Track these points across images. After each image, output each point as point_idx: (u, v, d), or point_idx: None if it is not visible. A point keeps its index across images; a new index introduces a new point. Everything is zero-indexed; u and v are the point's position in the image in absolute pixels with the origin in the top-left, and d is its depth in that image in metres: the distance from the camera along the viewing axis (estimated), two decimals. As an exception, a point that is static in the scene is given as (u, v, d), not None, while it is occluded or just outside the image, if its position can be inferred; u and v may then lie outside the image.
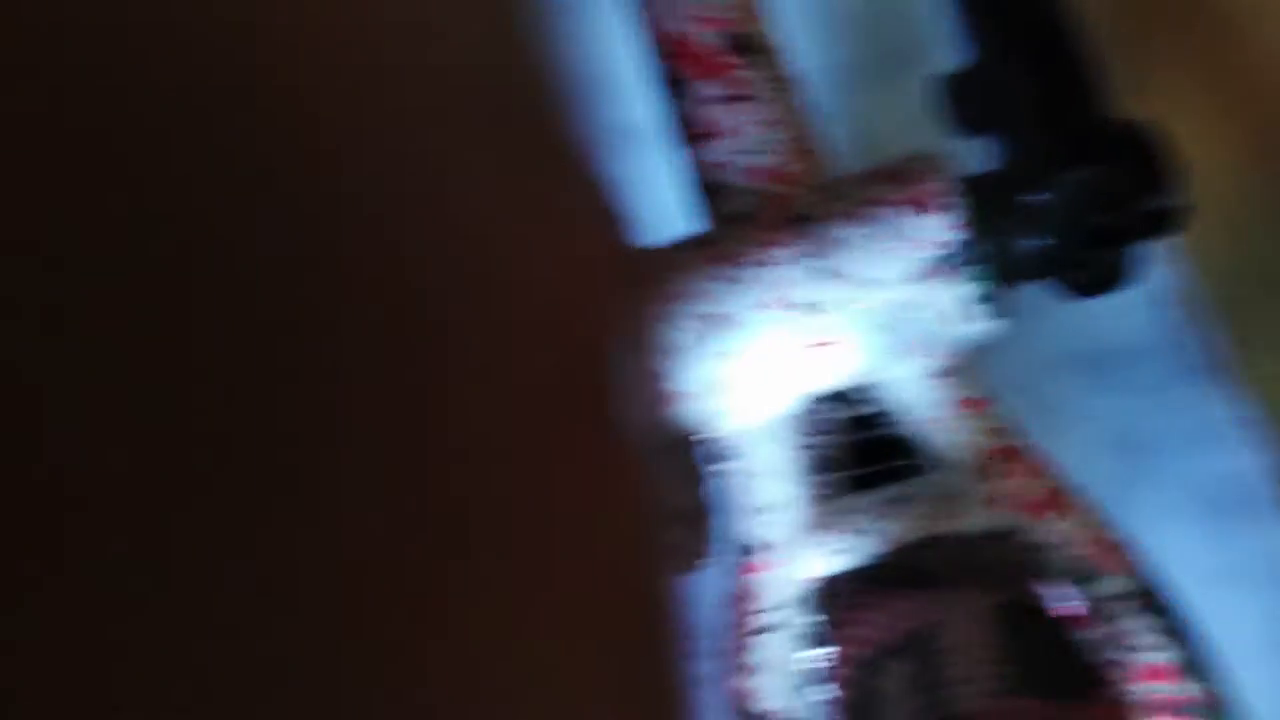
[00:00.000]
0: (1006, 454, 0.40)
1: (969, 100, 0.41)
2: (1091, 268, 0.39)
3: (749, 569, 0.41)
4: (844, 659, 0.39)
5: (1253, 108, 0.89)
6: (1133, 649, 0.39)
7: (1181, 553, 0.78)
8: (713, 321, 0.38)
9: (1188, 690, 0.39)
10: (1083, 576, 0.40)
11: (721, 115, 0.42)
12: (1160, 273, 0.82)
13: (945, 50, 0.93)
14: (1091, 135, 0.39)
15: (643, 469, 0.17)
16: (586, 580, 0.15)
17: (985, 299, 0.38)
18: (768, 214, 0.40)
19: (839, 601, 0.43)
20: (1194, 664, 0.39)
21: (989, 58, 0.41)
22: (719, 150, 0.42)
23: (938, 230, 0.37)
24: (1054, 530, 0.40)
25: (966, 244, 0.37)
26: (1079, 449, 0.80)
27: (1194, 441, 0.79)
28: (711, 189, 0.42)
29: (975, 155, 0.45)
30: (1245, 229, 0.88)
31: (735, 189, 0.41)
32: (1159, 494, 0.80)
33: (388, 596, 0.11)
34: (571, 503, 0.15)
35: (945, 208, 0.37)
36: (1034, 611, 0.38)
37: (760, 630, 0.41)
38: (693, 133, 0.42)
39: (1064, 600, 0.42)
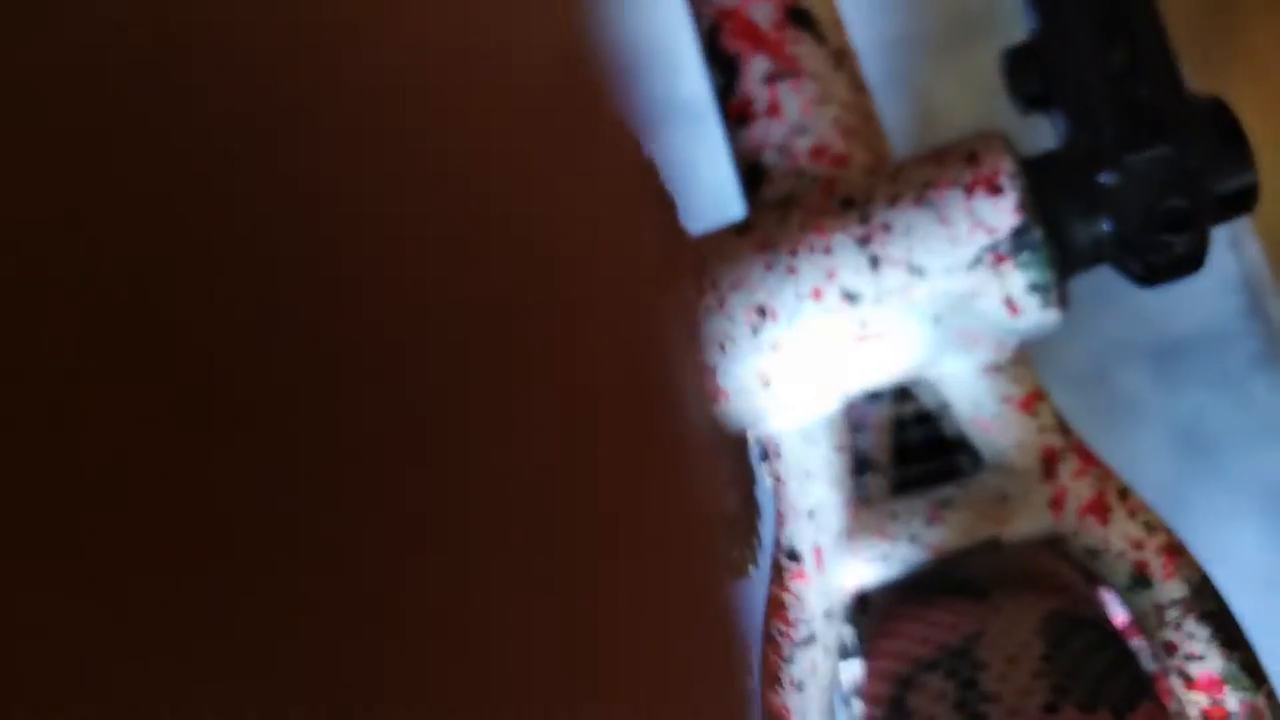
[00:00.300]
0: (1063, 454, 0.38)
1: (1035, 75, 0.39)
2: (1161, 252, 0.37)
3: (789, 577, 0.40)
4: (880, 674, 0.37)
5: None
6: (1189, 658, 0.37)
7: (1245, 554, 0.76)
8: (757, 313, 0.36)
9: (1243, 700, 0.37)
10: (1139, 583, 0.38)
11: (771, 92, 0.40)
12: (1226, 258, 0.79)
13: (1013, 20, 0.90)
14: (1163, 112, 0.36)
15: (707, 470, 0.17)
16: (653, 588, 0.14)
17: (1046, 288, 0.36)
18: (815, 198, 0.38)
19: (879, 612, 0.41)
20: (1250, 673, 0.37)
21: (1056, 29, 0.38)
22: (767, 130, 0.40)
23: (996, 214, 0.35)
24: (1110, 534, 0.38)
25: (1027, 228, 0.35)
26: (1142, 445, 0.78)
27: (1262, 437, 0.76)
28: (758, 171, 0.40)
29: (1041, 133, 0.42)
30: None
31: (783, 171, 0.39)
32: (1224, 492, 0.77)
33: (455, 602, 0.11)
34: (640, 507, 0.14)
35: (1005, 190, 0.35)
36: (1085, 620, 0.36)
37: (799, 643, 0.40)
38: (741, 111, 0.41)
39: (1118, 608, 0.40)
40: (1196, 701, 0.37)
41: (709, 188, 1.01)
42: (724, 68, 0.41)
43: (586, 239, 0.14)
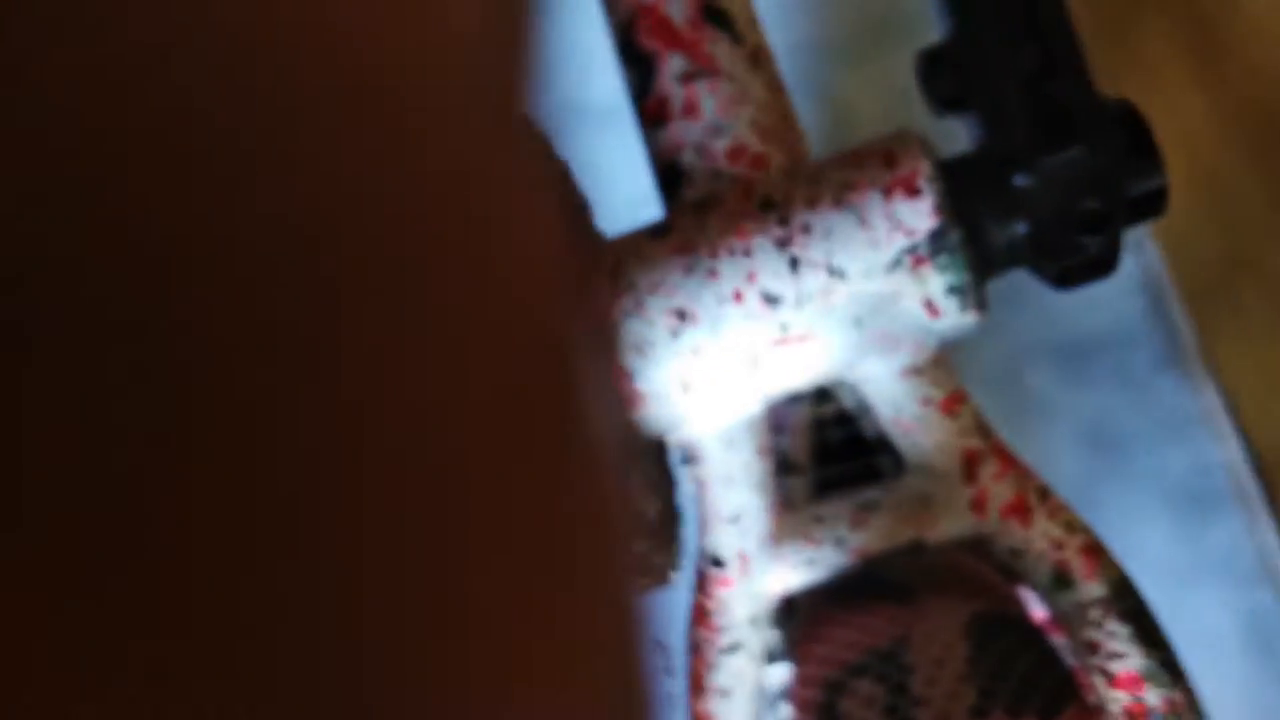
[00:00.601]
0: (984, 455, 0.38)
1: (948, 77, 0.39)
2: (1076, 254, 0.37)
3: (714, 583, 0.39)
4: (808, 679, 0.37)
5: (1229, 88, 0.88)
6: (1111, 656, 0.37)
7: (1154, 550, 0.77)
8: (676, 316, 0.35)
9: (1163, 696, 0.37)
10: (1061, 583, 0.38)
11: (687, 92, 0.39)
12: (1127, 262, 0.80)
13: (926, 23, 0.91)
14: (1076, 114, 0.36)
15: (613, 476, 0.16)
16: (554, 596, 0.14)
17: (964, 290, 0.35)
18: (734, 200, 0.37)
19: (804, 616, 0.41)
20: (1169, 670, 0.38)
21: (969, 31, 0.38)
22: (684, 130, 0.39)
23: (915, 216, 0.35)
24: (1032, 535, 0.38)
25: (945, 231, 0.35)
26: (1051, 444, 0.79)
27: (1166, 435, 0.78)
28: (674, 172, 0.39)
29: (956, 136, 0.42)
30: (1216, 214, 0.87)
31: (699, 172, 0.39)
32: (1131, 490, 0.78)
33: (342, 615, 0.11)
34: (536, 514, 0.14)
35: (923, 192, 0.35)
36: (1009, 621, 0.36)
37: (724, 650, 0.39)
38: (657, 111, 0.40)
39: (1036, 605, 0.40)
40: (1118, 699, 0.38)
41: (623, 190, 1.00)
42: (639, 66, 0.40)
43: (493, 238, 0.14)
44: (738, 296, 0.35)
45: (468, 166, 0.14)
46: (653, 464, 0.44)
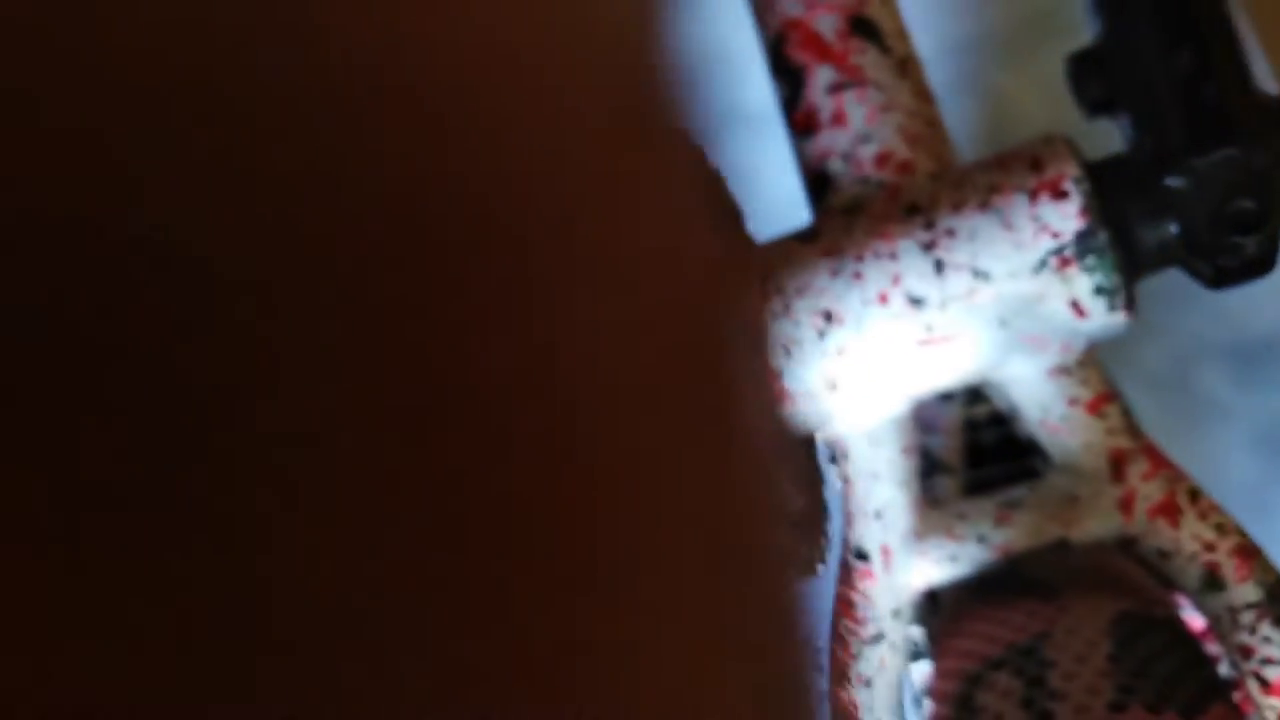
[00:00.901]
0: (1132, 455, 0.38)
1: (1100, 79, 0.39)
2: (1230, 255, 0.37)
3: (857, 576, 0.40)
4: (949, 672, 0.37)
5: None
6: (1265, 662, 0.37)
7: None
8: (823, 317, 0.37)
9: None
10: (1211, 585, 0.37)
11: (836, 102, 0.41)
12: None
13: (1083, 22, 0.89)
14: (1230, 114, 0.36)
15: (767, 471, 0.17)
16: (714, 589, 0.14)
17: (1112, 291, 0.35)
18: (880, 204, 0.38)
19: (947, 612, 0.42)
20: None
21: (1121, 32, 0.38)
22: (833, 139, 0.40)
23: (1061, 218, 0.35)
24: (1181, 536, 0.38)
25: (1092, 232, 0.35)
26: (1220, 447, 0.76)
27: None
28: (824, 179, 0.40)
29: (1110, 136, 0.42)
30: None
31: (848, 179, 0.40)
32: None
33: (508, 607, 0.11)
34: (698, 508, 0.14)
35: (1070, 194, 0.35)
36: (1156, 621, 0.36)
37: (867, 641, 0.40)
38: (806, 121, 0.41)
39: (1191, 610, 0.40)
40: (1274, 706, 0.37)
41: (775, 195, 1.01)
42: (789, 78, 0.42)
43: (643, 244, 0.14)
44: (883, 298, 0.36)
45: (619, 168, 0.14)
46: (801, 459, 0.45)
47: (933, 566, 0.40)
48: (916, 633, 0.47)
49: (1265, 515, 0.74)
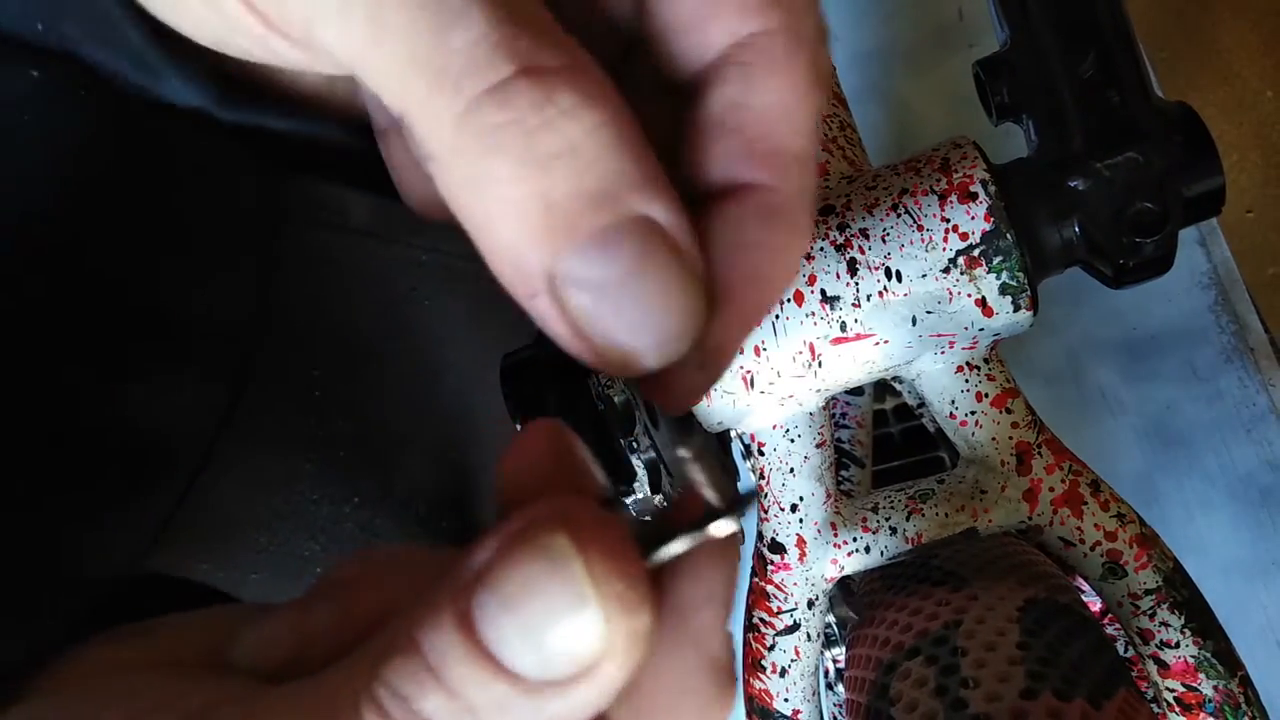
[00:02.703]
0: (1036, 448, 0.38)
1: (1006, 84, 0.39)
2: (1130, 255, 0.37)
3: (772, 568, 0.40)
4: (863, 661, 0.37)
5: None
6: (1163, 645, 0.37)
7: (1220, 544, 0.75)
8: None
9: (1217, 686, 0.37)
10: (1112, 572, 0.37)
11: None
12: (1196, 255, 0.78)
13: (983, 36, 0.89)
14: (1132, 118, 0.36)
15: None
16: None
17: (1018, 290, 0.35)
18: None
19: (860, 601, 0.41)
20: (1223, 661, 0.37)
21: (1026, 39, 0.38)
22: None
23: (969, 220, 0.35)
24: (1084, 525, 0.38)
25: (999, 233, 0.35)
26: (1110, 438, 0.77)
27: (1233, 430, 0.76)
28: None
29: (1014, 140, 0.42)
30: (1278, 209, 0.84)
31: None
32: (1196, 484, 0.76)
33: None
34: None
35: (978, 196, 0.35)
36: (1062, 608, 0.36)
37: (782, 631, 0.40)
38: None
39: (1093, 596, 0.40)
40: (1172, 688, 0.37)
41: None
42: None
43: None
44: (799, 298, 0.36)
45: None
46: (716, 456, 0.45)
47: (846, 557, 0.39)
48: (831, 621, 0.46)
49: (1154, 503, 0.76)
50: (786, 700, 0.40)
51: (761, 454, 0.39)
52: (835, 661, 0.50)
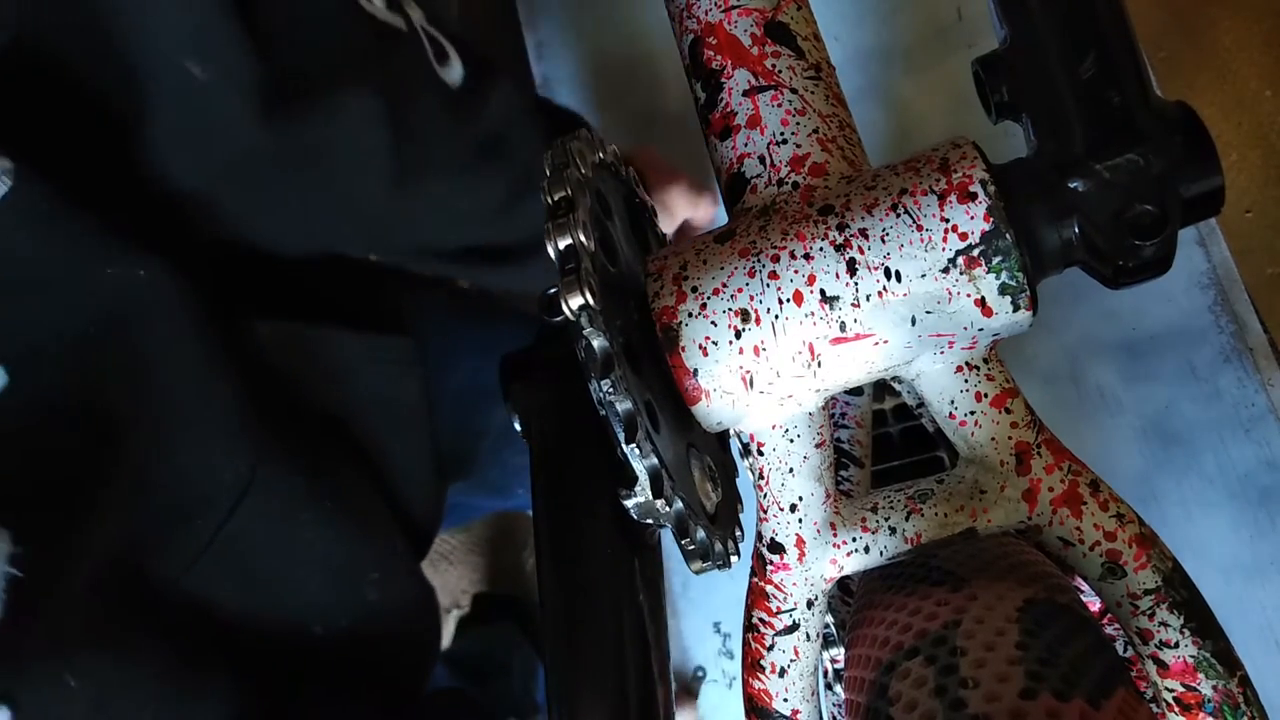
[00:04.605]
0: (1035, 448, 0.38)
1: (1005, 83, 0.39)
2: (1129, 256, 0.37)
3: (772, 568, 0.40)
4: (862, 661, 0.37)
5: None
6: (1163, 645, 0.37)
7: (1219, 545, 0.75)
8: (739, 316, 0.36)
9: (1217, 686, 0.36)
10: (1112, 572, 0.37)
11: (751, 105, 0.40)
12: (1195, 255, 0.78)
13: (981, 36, 0.89)
14: (1131, 119, 0.36)
15: None
16: None
17: (1017, 290, 0.35)
18: (795, 206, 0.37)
19: (860, 601, 0.41)
20: (1223, 661, 0.37)
21: (1025, 38, 0.38)
22: (748, 141, 0.39)
23: (969, 220, 0.35)
24: (1083, 525, 0.37)
25: (998, 233, 0.35)
26: (1109, 438, 0.77)
27: (1232, 430, 0.76)
28: (740, 180, 0.39)
29: (1014, 140, 0.42)
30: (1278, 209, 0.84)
31: (763, 180, 0.39)
32: (1195, 484, 0.76)
33: None
34: None
35: (977, 196, 0.35)
36: (1061, 607, 0.36)
37: (781, 631, 0.40)
38: (723, 123, 0.40)
39: (1092, 596, 0.40)
40: (1171, 688, 0.37)
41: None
42: (706, 82, 0.41)
43: None
44: (798, 298, 0.36)
45: None
46: (715, 455, 0.45)
47: (846, 557, 0.39)
48: (830, 621, 0.46)
49: (1152, 502, 0.76)
50: (785, 700, 0.40)
51: (760, 454, 0.39)
52: (834, 661, 0.50)
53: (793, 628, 0.39)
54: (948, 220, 0.35)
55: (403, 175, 0.57)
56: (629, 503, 0.35)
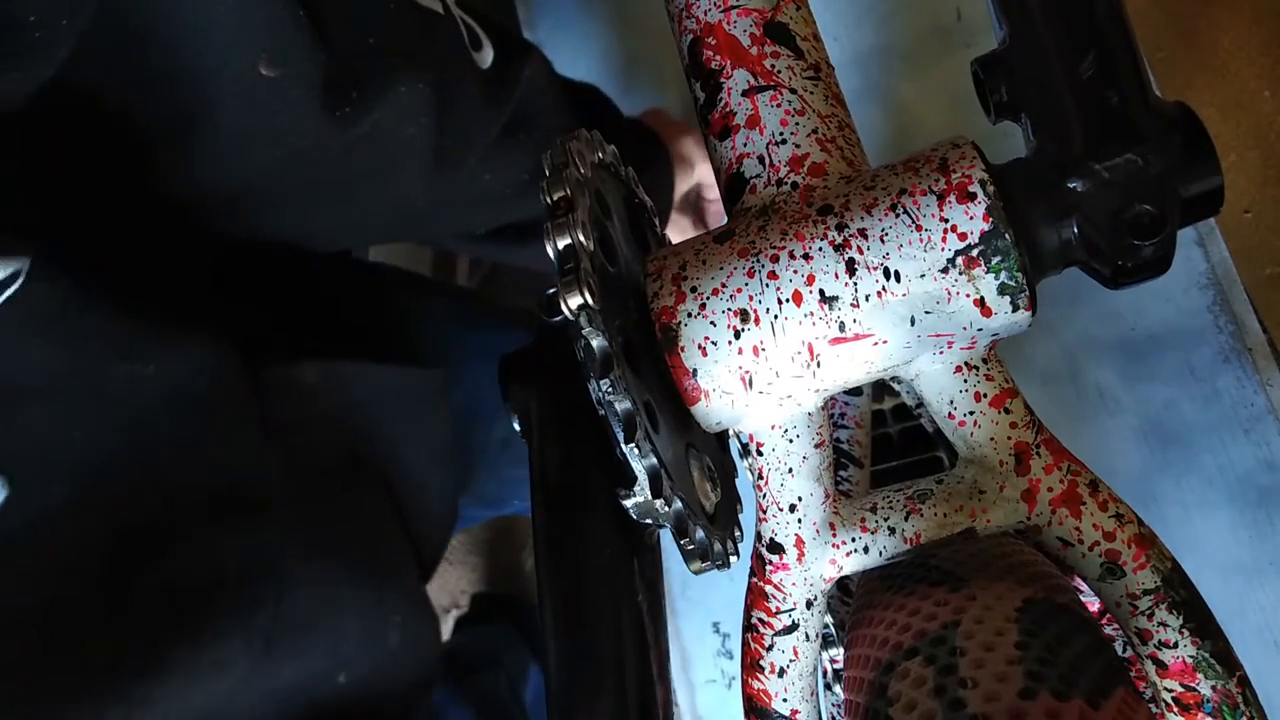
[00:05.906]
0: (1034, 448, 0.38)
1: (1004, 83, 0.39)
2: (1129, 256, 0.37)
3: (771, 568, 0.40)
4: (861, 661, 0.37)
5: (1296, 90, 0.85)
6: (1162, 645, 0.37)
7: (1218, 545, 0.75)
8: (738, 316, 0.36)
9: (1215, 686, 0.36)
10: (1111, 572, 0.37)
11: (751, 105, 0.40)
12: (1194, 255, 0.78)
13: (980, 37, 0.89)
14: (1131, 119, 0.36)
15: None
16: None
17: (1016, 290, 0.35)
18: (794, 206, 0.37)
19: (859, 601, 0.41)
20: (1222, 661, 0.37)
21: (1025, 38, 0.38)
22: (747, 141, 0.39)
23: (968, 220, 0.35)
24: (1082, 526, 0.37)
25: (997, 233, 0.35)
26: (1108, 438, 0.77)
27: (1232, 430, 0.76)
28: (740, 180, 0.39)
29: (1014, 140, 0.42)
30: (1277, 209, 0.84)
31: (763, 180, 0.39)
32: (1194, 484, 0.76)
33: None
34: None
35: (976, 196, 0.35)
36: (1060, 607, 0.36)
37: (780, 631, 0.40)
38: (722, 123, 0.40)
39: (1092, 597, 0.40)
40: (1170, 688, 0.37)
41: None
42: (705, 82, 0.41)
43: None
44: (797, 298, 0.36)
45: None
46: (714, 455, 0.45)
47: (845, 557, 0.39)
48: (834, 619, 0.46)
49: (1151, 503, 0.76)
50: (785, 700, 0.40)
51: (760, 454, 0.39)
52: (833, 662, 0.50)
53: (792, 628, 0.39)
54: (947, 220, 0.35)
55: (443, 160, 0.57)
56: (628, 503, 0.35)
